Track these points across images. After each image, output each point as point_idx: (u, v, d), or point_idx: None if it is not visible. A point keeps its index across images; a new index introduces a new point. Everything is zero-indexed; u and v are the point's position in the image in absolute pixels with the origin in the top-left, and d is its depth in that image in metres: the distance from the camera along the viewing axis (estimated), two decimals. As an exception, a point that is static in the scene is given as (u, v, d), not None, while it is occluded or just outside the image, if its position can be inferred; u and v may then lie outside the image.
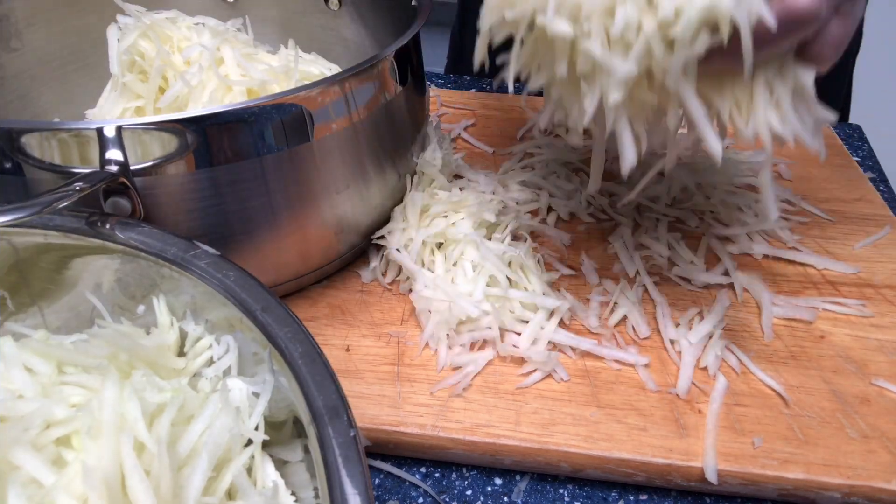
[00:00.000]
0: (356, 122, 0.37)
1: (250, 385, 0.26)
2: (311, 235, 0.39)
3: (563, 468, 0.34)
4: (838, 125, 0.63)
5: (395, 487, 0.34)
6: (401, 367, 0.37)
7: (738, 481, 0.32)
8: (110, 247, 0.28)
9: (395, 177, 0.43)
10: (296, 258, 0.39)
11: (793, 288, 0.43)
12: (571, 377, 0.37)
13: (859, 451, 0.33)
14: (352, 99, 0.37)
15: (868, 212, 0.50)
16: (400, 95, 0.41)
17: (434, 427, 0.34)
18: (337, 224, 0.40)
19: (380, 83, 0.39)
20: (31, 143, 0.31)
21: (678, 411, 0.35)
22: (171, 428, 0.23)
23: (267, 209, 0.36)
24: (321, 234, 0.39)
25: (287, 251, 0.38)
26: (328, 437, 0.20)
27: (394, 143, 0.42)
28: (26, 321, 0.29)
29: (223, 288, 0.25)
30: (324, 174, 0.37)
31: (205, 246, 0.27)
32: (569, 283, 0.43)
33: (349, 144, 0.38)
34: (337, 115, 0.36)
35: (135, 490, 0.21)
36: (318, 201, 0.38)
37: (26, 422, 0.23)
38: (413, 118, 0.44)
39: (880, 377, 0.37)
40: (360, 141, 0.38)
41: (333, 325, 0.40)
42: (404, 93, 0.41)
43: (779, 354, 0.38)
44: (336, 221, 0.40)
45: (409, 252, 0.41)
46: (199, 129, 0.32)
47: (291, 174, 0.36)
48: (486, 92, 0.67)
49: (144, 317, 0.29)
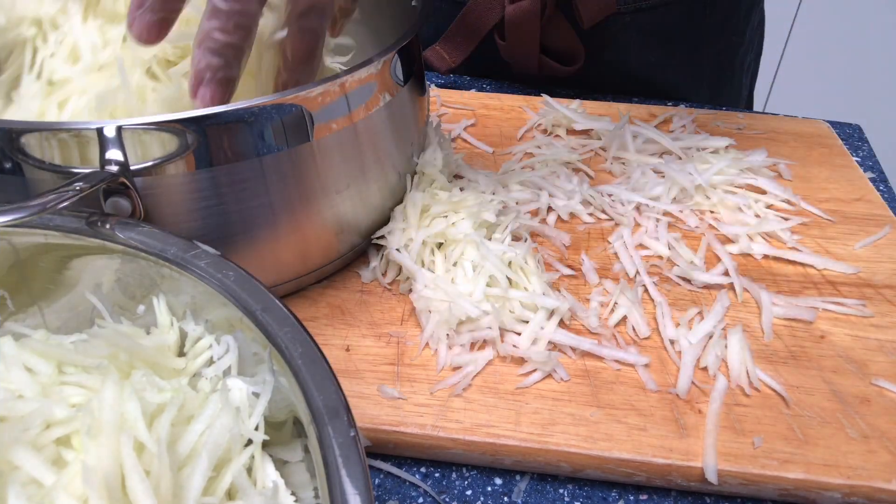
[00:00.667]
0: (356, 123, 0.37)
1: (250, 385, 0.26)
2: (310, 235, 0.39)
3: (563, 468, 0.34)
4: (838, 125, 0.63)
5: (395, 487, 0.34)
6: (401, 367, 0.37)
7: (738, 481, 0.32)
8: (110, 247, 0.28)
9: (396, 177, 0.43)
10: (296, 258, 0.39)
11: (793, 288, 0.43)
12: (571, 377, 0.37)
13: (859, 451, 0.33)
14: (352, 99, 0.37)
15: (868, 212, 0.50)
16: (400, 95, 0.41)
17: (434, 427, 0.34)
18: (337, 224, 0.40)
19: (380, 83, 0.38)
20: (31, 142, 0.31)
21: (678, 411, 0.35)
22: (171, 428, 0.23)
23: (267, 209, 0.36)
24: (321, 234, 0.39)
25: (287, 251, 0.38)
26: (328, 437, 0.20)
27: (394, 143, 0.42)
28: (26, 321, 0.29)
29: (223, 288, 0.25)
30: (324, 174, 0.37)
31: (205, 246, 0.27)
32: (569, 283, 0.43)
33: (349, 144, 0.38)
34: (337, 115, 0.36)
35: (135, 490, 0.21)
36: (318, 201, 0.38)
37: (26, 422, 0.23)
38: (413, 118, 0.44)
39: (880, 377, 0.37)
40: (360, 141, 0.38)
41: (333, 325, 0.40)
42: (404, 93, 0.41)
43: (779, 354, 0.38)
44: (336, 221, 0.40)
45: (410, 252, 0.41)
46: (200, 129, 0.32)
47: (291, 174, 0.36)
48: (486, 92, 0.67)
49: (144, 317, 0.29)
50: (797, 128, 0.60)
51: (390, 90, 0.40)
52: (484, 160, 0.55)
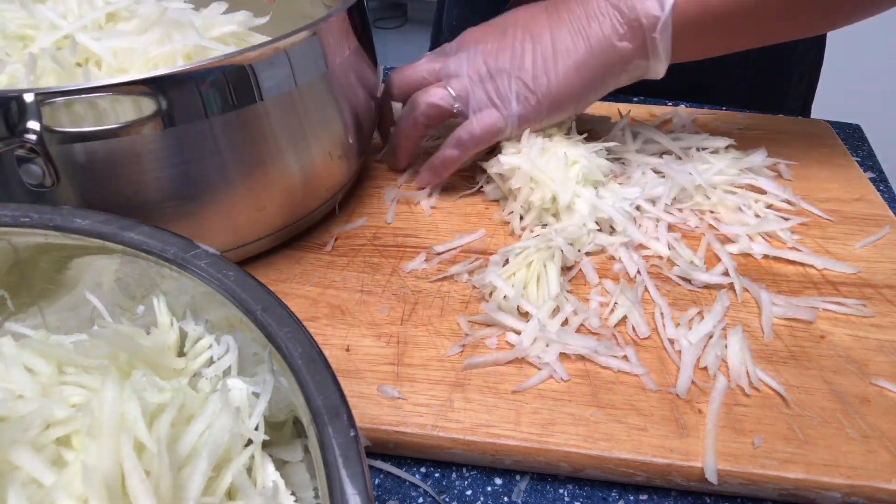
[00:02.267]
0: (300, 85, 0.39)
1: (250, 385, 0.26)
2: (260, 198, 0.41)
3: (563, 468, 0.34)
4: (838, 125, 0.63)
5: (395, 487, 0.34)
6: (401, 367, 0.37)
7: (738, 481, 0.32)
8: (110, 247, 0.27)
9: (345, 140, 0.45)
10: (249, 222, 0.41)
11: (793, 288, 0.43)
12: (571, 377, 0.37)
13: (859, 451, 0.33)
14: (295, 61, 0.38)
15: (868, 212, 0.50)
16: (346, 60, 0.43)
17: (434, 427, 0.34)
18: (292, 186, 0.42)
19: (325, 45, 0.40)
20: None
21: (678, 411, 0.35)
22: (171, 428, 0.23)
23: (218, 171, 0.38)
24: (272, 197, 0.41)
25: (243, 213, 0.40)
26: (328, 437, 0.20)
27: (341, 108, 0.44)
28: (26, 321, 0.29)
29: (223, 288, 0.25)
30: (275, 135, 0.39)
31: (204, 246, 0.27)
32: (569, 283, 0.43)
33: (294, 106, 0.40)
34: (283, 78, 0.38)
35: (135, 490, 0.21)
36: (266, 165, 0.40)
37: (26, 422, 0.23)
38: (361, 84, 0.46)
39: (880, 377, 0.37)
40: (305, 104, 0.40)
41: (333, 325, 0.40)
42: (350, 58, 0.43)
43: (779, 354, 0.38)
44: (290, 183, 0.42)
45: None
46: (128, 93, 0.33)
47: (240, 136, 0.38)
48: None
49: (144, 317, 0.29)
50: (797, 128, 0.60)
51: (340, 52, 0.41)
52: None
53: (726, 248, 0.46)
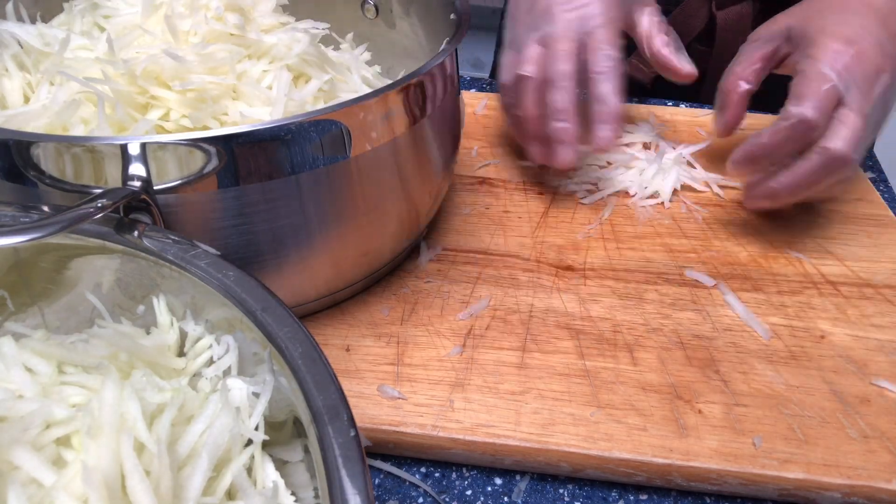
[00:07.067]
0: (396, 137, 0.36)
1: (250, 385, 0.26)
2: (346, 252, 0.38)
3: (563, 468, 0.34)
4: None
5: (395, 487, 0.34)
6: (401, 367, 0.37)
7: (738, 481, 0.32)
8: (110, 247, 0.27)
9: (436, 183, 0.42)
10: (330, 273, 0.38)
11: (793, 288, 0.43)
12: (572, 377, 0.37)
13: (859, 451, 0.33)
14: (391, 115, 0.35)
15: (868, 212, 0.50)
16: (439, 109, 0.39)
17: (434, 427, 0.34)
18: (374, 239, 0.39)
19: (420, 97, 0.37)
20: (47, 155, 0.30)
21: (678, 411, 0.35)
22: (171, 428, 0.23)
23: (300, 228, 0.34)
24: (354, 251, 0.38)
25: (320, 268, 0.37)
26: (328, 437, 0.20)
27: (433, 155, 0.40)
28: (26, 321, 0.29)
29: (223, 288, 0.25)
30: (364, 191, 0.36)
31: (204, 246, 0.27)
32: (568, 281, 0.43)
33: (388, 160, 0.36)
34: (377, 130, 0.35)
35: (135, 490, 0.21)
36: (357, 218, 0.36)
37: (26, 422, 0.23)
38: (450, 129, 0.42)
39: (880, 377, 0.37)
40: (400, 156, 0.37)
41: (333, 325, 0.40)
42: (441, 107, 0.40)
43: (779, 354, 0.38)
44: (370, 237, 0.39)
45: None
46: (227, 147, 0.31)
47: (328, 193, 0.34)
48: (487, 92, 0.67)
49: (144, 317, 0.29)
50: (797, 128, 0.60)
51: (428, 106, 0.38)
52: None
53: (725, 243, 0.46)
